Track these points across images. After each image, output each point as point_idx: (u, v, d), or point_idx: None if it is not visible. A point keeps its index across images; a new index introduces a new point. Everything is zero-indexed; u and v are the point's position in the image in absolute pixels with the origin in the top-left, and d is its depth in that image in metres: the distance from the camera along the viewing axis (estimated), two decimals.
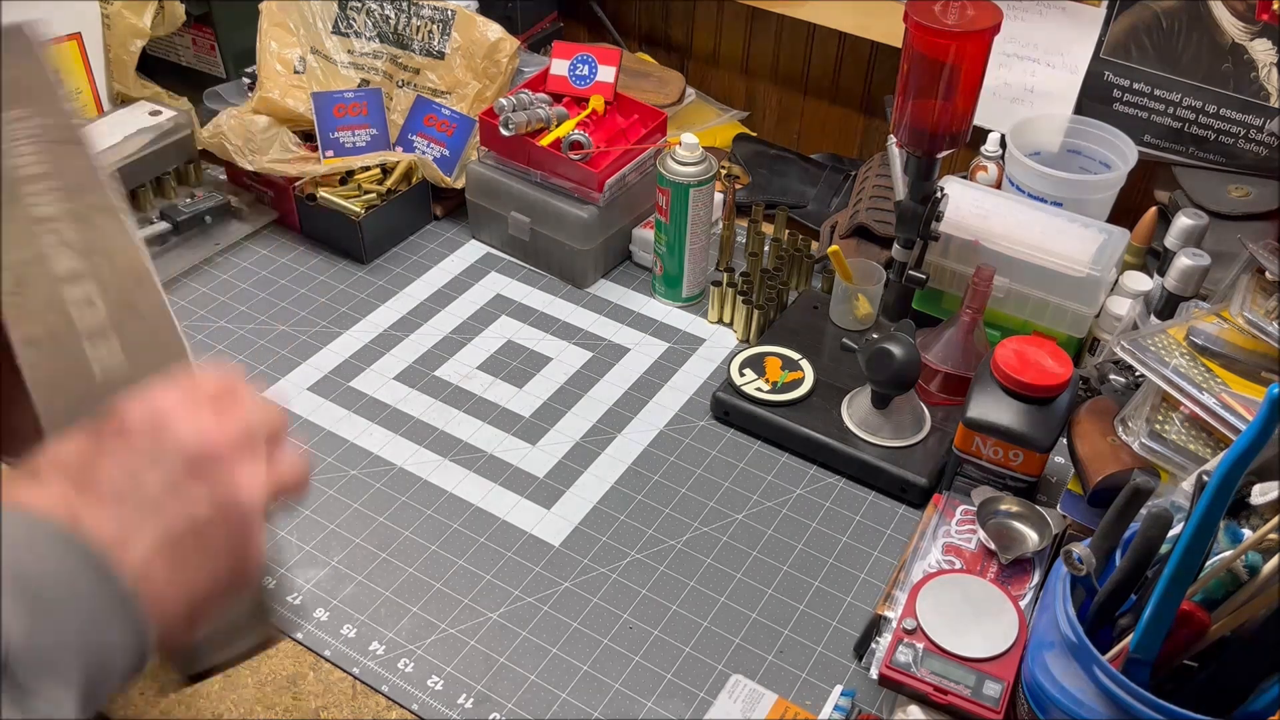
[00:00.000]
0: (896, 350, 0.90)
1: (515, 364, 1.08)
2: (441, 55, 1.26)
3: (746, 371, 1.02)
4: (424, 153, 1.23)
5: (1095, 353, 1.02)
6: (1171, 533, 0.65)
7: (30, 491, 0.44)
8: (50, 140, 0.55)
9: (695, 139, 1.09)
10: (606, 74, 1.19)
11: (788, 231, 1.18)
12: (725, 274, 1.13)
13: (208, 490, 0.46)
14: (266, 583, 0.56)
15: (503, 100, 1.14)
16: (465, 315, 1.14)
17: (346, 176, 1.22)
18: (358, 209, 1.18)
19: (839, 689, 0.78)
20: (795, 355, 1.04)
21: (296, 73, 1.28)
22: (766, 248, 1.18)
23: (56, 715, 0.40)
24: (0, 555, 0.40)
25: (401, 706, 0.79)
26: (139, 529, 0.44)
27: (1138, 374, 0.86)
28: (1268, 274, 0.85)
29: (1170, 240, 0.98)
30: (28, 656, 0.40)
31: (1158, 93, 1.11)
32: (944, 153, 0.93)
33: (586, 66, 1.20)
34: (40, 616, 0.40)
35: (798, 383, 1.01)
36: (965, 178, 1.14)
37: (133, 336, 0.51)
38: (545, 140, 1.14)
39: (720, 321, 1.15)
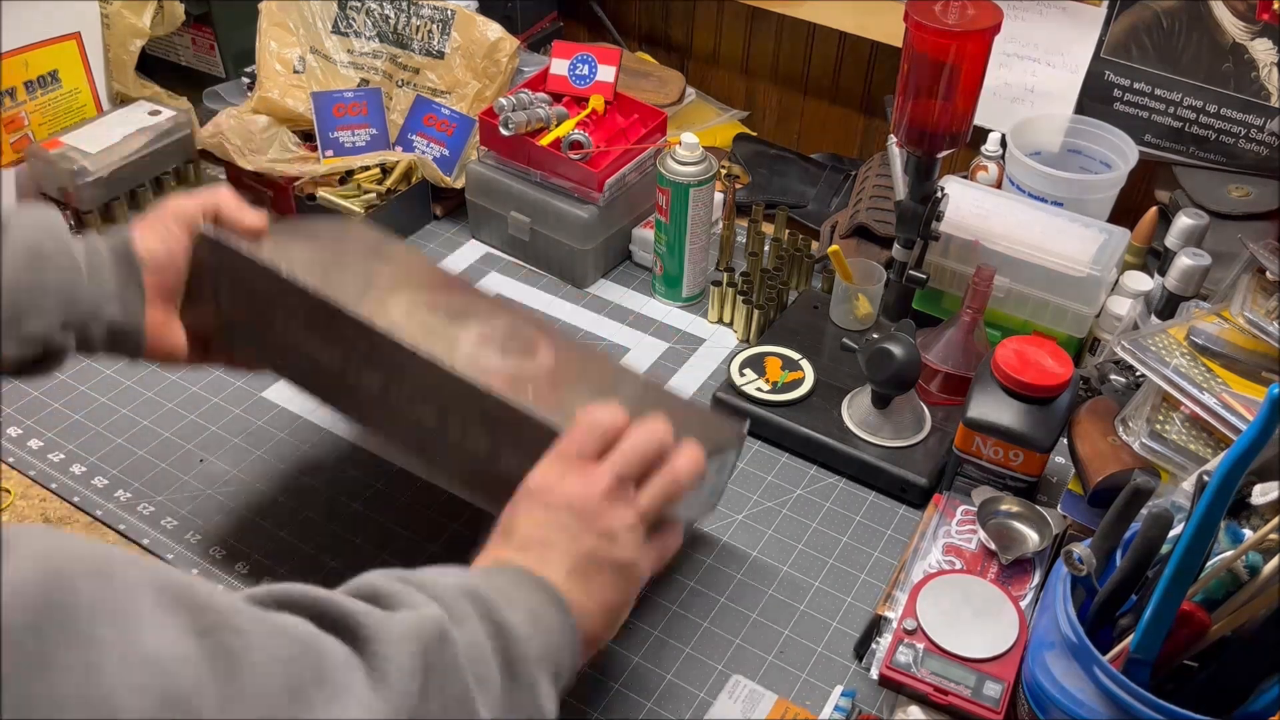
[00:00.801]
0: (896, 350, 0.90)
1: None
2: (441, 55, 1.26)
3: (746, 371, 1.02)
4: (424, 152, 1.23)
5: (1096, 353, 1.02)
6: (1172, 533, 0.65)
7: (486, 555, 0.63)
8: None
9: (695, 139, 1.09)
10: (606, 74, 1.19)
11: (788, 231, 1.18)
12: (725, 274, 1.13)
13: (588, 528, 0.61)
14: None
15: (502, 100, 1.14)
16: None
17: (346, 176, 1.22)
18: (357, 209, 1.18)
19: (839, 689, 0.78)
20: (795, 355, 1.04)
21: (296, 72, 1.28)
22: (766, 248, 1.18)
23: (547, 702, 0.55)
24: (506, 594, 0.57)
25: None
26: (548, 561, 0.60)
27: (1138, 374, 0.86)
28: (1268, 274, 0.85)
29: (1171, 240, 0.97)
30: (531, 654, 0.55)
31: (1158, 92, 1.11)
32: (944, 153, 0.93)
33: (586, 66, 1.20)
34: (538, 635, 0.56)
35: (798, 383, 1.01)
36: (965, 178, 1.14)
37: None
38: (545, 140, 1.14)
39: (720, 321, 1.15)
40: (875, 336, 0.92)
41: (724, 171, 1.32)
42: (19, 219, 0.73)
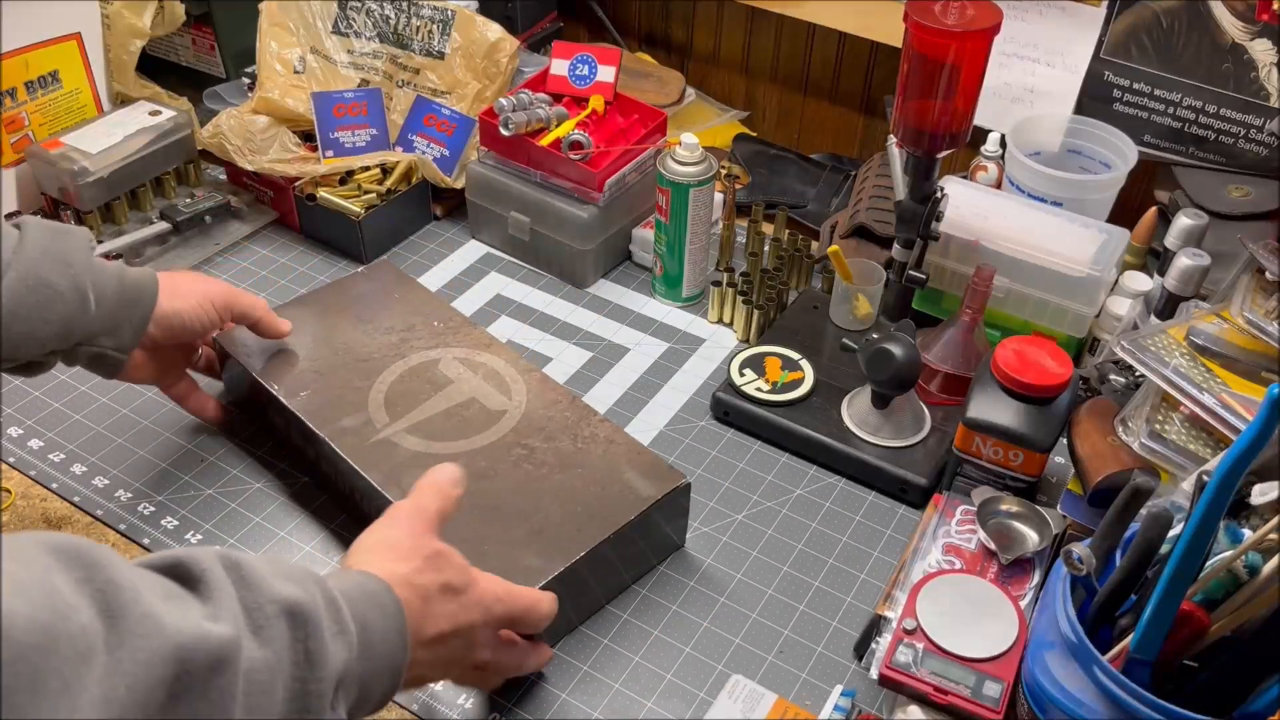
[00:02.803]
0: (896, 350, 0.90)
1: None
2: (441, 55, 1.26)
3: (746, 371, 1.02)
4: (424, 153, 1.23)
5: (1095, 353, 1.02)
6: (1171, 533, 0.65)
7: (386, 557, 0.65)
8: None
9: (695, 139, 1.09)
10: (606, 74, 1.19)
11: (788, 231, 1.18)
12: (725, 274, 1.13)
13: (467, 646, 0.67)
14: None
15: (503, 100, 1.14)
16: (465, 315, 1.14)
17: (346, 176, 1.22)
18: (358, 209, 1.18)
19: (839, 689, 0.78)
20: (795, 355, 1.04)
21: (296, 73, 1.28)
22: (766, 248, 1.18)
23: (344, 663, 0.55)
24: (359, 608, 0.58)
25: (401, 707, 0.79)
26: (419, 662, 0.63)
27: (1138, 374, 0.86)
28: (1268, 274, 0.85)
29: (1170, 240, 0.98)
30: (344, 684, 0.55)
31: (1158, 93, 1.11)
32: (944, 153, 0.93)
33: (586, 66, 1.20)
34: (361, 660, 0.57)
35: (798, 383, 1.01)
36: (965, 178, 1.14)
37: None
38: (545, 140, 1.14)
39: (720, 321, 1.15)
40: (875, 336, 0.92)
41: (724, 171, 1.32)
42: (32, 242, 0.76)
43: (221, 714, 0.48)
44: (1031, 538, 0.84)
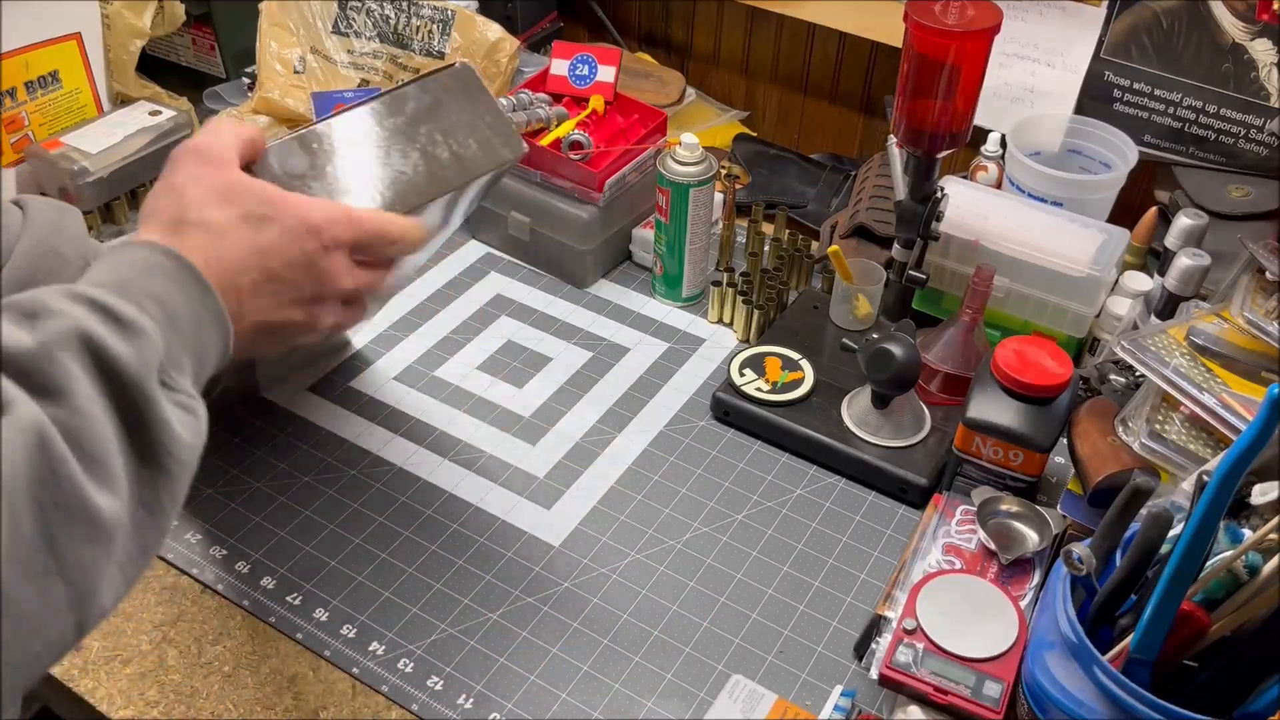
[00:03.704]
0: (896, 350, 0.90)
1: (515, 364, 1.08)
2: (441, 55, 1.26)
3: (746, 371, 1.02)
4: None
5: (1095, 353, 1.02)
6: (1172, 533, 0.65)
7: (155, 222, 0.60)
8: None
9: (695, 139, 1.09)
10: (606, 74, 1.19)
11: (788, 231, 1.18)
12: (725, 274, 1.13)
13: (310, 278, 0.62)
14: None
15: (502, 100, 1.14)
16: (465, 315, 1.14)
17: None
18: None
19: (839, 689, 0.78)
20: (795, 355, 1.04)
21: (296, 73, 1.28)
22: (766, 248, 1.18)
23: (190, 403, 0.54)
24: (136, 285, 0.54)
25: (401, 706, 0.79)
26: (251, 307, 0.60)
27: (1138, 374, 0.86)
28: (1268, 274, 0.85)
29: (1170, 240, 0.98)
30: (168, 359, 0.53)
31: (1158, 93, 1.11)
32: (944, 153, 0.93)
33: (586, 66, 1.20)
34: (168, 325, 0.53)
35: (798, 383, 1.01)
36: (965, 178, 1.14)
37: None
38: (545, 140, 1.14)
39: (720, 321, 1.15)
40: (875, 336, 0.92)
41: (724, 171, 1.32)
42: (38, 215, 0.74)
43: (68, 488, 0.46)
44: (1031, 538, 0.84)
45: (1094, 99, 1.15)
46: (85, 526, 0.46)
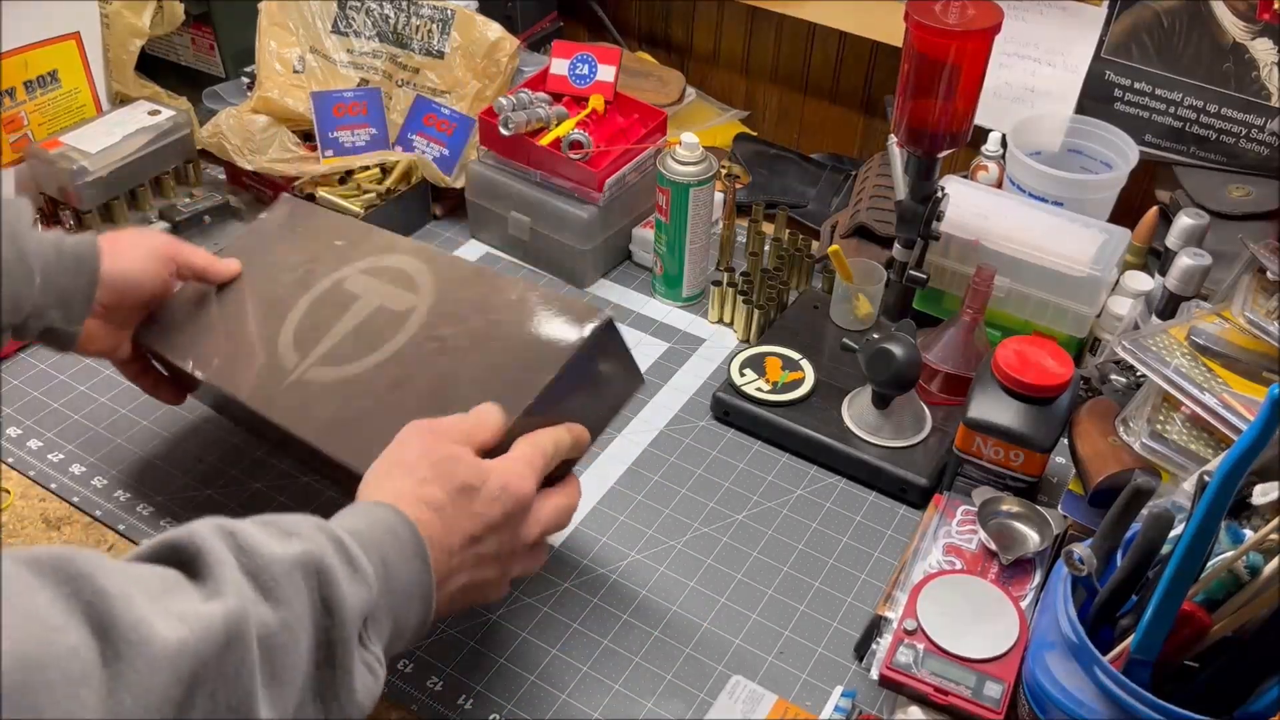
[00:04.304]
0: (897, 350, 0.90)
1: None
2: (441, 55, 1.26)
3: (747, 371, 1.02)
4: (423, 152, 1.23)
5: (1096, 353, 1.02)
6: (1172, 533, 0.65)
7: (400, 482, 0.62)
8: None
9: (695, 139, 1.08)
10: (606, 73, 1.19)
11: (788, 231, 1.18)
12: (725, 274, 1.13)
13: (508, 535, 0.65)
14: None
15: (502, 100, 1.14)
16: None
17: (346, 176, 1.22)
18: (357, 209, 1.18)
19: (839, 690, 0.78)
20: (795, 355, 1.04)
21: (296, 72, 1.28)
22: (766, 248, 1.18)
23: (376, 667, 0.55)
24: (373, 542, 0.57)
25: (401, 706, 0.79)
26: (457, 573, 0.63)
27: (1139, 374, 0.86)
28: (1269, 274, 0.85)
29: (1171, 240, 0.97)
30: (373, 619, 0.54)
31: (1159, 92, 1.11)
32: (944, 152, 0.93)
33: (586, 66, 1.20)
34: (386, 593, 0.56)
35: (798, 383, 1.01)
36: (966, 177, 1.14)
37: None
38: (545, 140, 1.14)
39: (720, 321, 1.15)
40: (875, 336, 0.92)
41: (724, 171, 1.32)
42: None
43: (244, 687, 0.47)
44: (1032, 538, 0.84)
45: (1094, 99, 1.15)
46: None
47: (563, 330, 0.76)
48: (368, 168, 1.22)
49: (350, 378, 0.79)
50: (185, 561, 0.50)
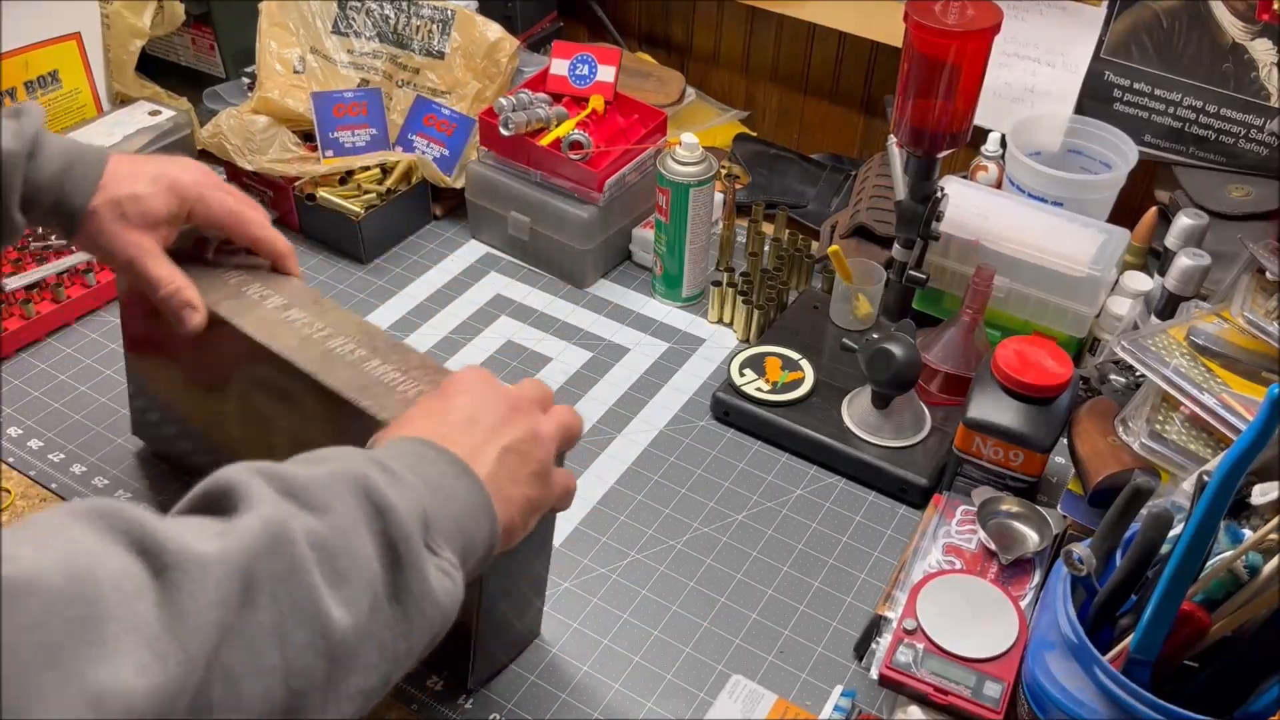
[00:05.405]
0: (897, 350, 0.90)
1: (515, 364, 1.08)
2: (441, 55, 1.26)
3: (746, 371, 1.02)
4: (424, 153, 1.23)
5: (1096, 353, 1.02)
6: (1172, 533, 0.65)
7: (408, 429, 0.61)
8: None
9: (695, 139, 1.09)
10: (606, 74, 1.19)
11: (788, 231, 1.18)
12: (725, 274, 1.13)
13: (524, 422, 0.63)
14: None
15: (502, 100, 1.14)
16: (465, 315, 1.14)
17: (346, 176, 1.22)
18: (357, 209, 1.18)
19: (839, 689, 0.78)
20: (795, 355, 1.04)
21: (296, 72, 1.28)
22: (766, 248, 1.18)
23: (453, 572, 0.54)
24: (408, 464, 0.56)
25: (401, 706, 0.79)
26: (483, 448, 0.60)
27: (1138, 374, 0.86)
28: (1268, 274, 0.85)
29: (1171, 240, 0.97)
30: (434, 526, 0.54)
31: (1158, 92, 1.11)
32: (944, 153, 0.93)
33: (586, 66, 1.20)
34: (438, 502, 0.55)
35: (798, 383, 1.01)
36: (965, 178, 1.14)
37: (392, 357, 0.74)
38: (545, 140, 1.14)
39: (720, 321, 1.15)
40: (875, 336, 0.92)
41: (724, 171, 1.32)
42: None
43: (304, 585, 0.47)
44: (1032, 538, 0.84)
45: (1094, 99, 1.15)
46: (315, 636, 0.46)
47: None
48: (368, 168, 1.22)
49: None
50: (216, 501, 0.49)
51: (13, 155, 0.71)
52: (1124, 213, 1.10)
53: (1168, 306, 0.95)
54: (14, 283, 1.07)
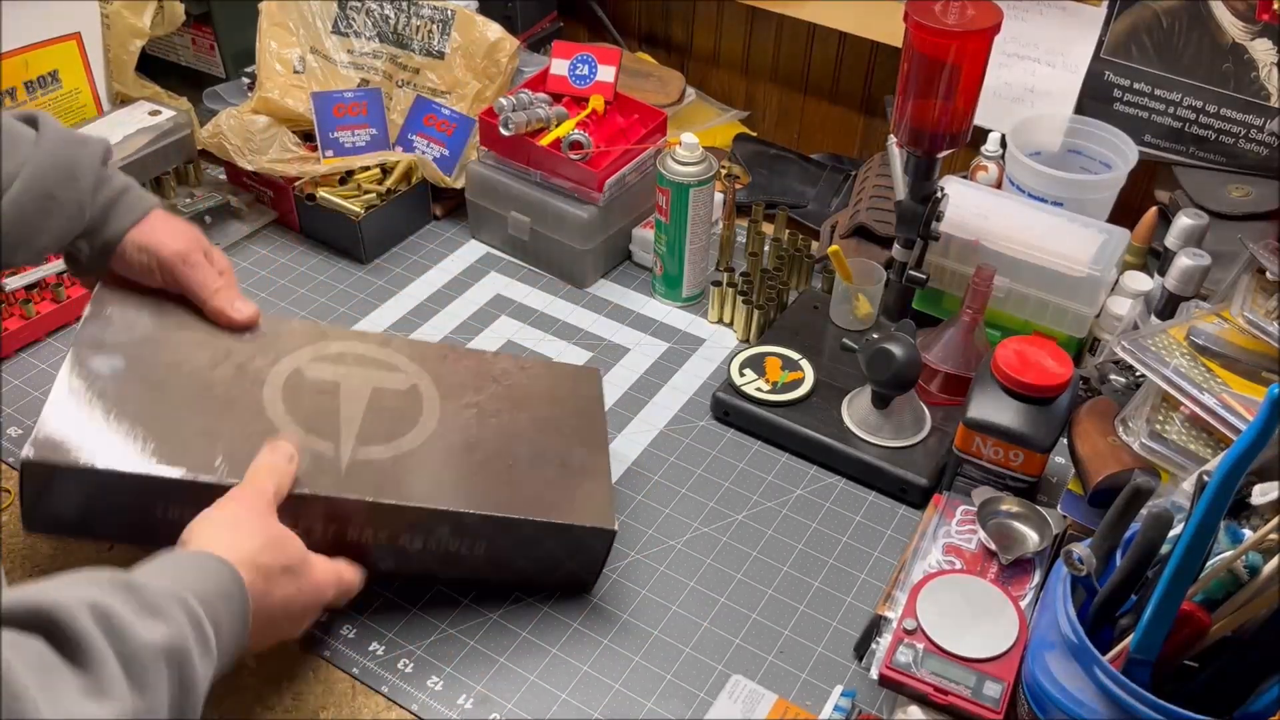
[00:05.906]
0: (897, 350, 0.90)
1: None
2: (441, 55, 1.26)
3: (746, 371, 1.02)
4: (424, 153, 1.23)
5: (1096, 353, 1.02)
6: (1172, 533, 0.65)
7: (224, 543, 0.67)
8: None
9: (695, 139, 1.09)
10: (606, 74, 1.19)
11: (788, 231, 1.18)
12: (725, 274, 1.13)
13: (293, 623, 0.73)
14: None
15: (502, 100, 1.14)
16: (465, 315, 1.14)
17: (346, 176, 1.22)
18: (357, 209, 1.18)
19: (839, 689, 0.78)
20: (795, 355, 1.04)
21: (296, 72, 1.28)
22: (766, 248, 1.18)
23: (209, 672, 0.60)
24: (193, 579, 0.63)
25: (401, 707, 0.79)
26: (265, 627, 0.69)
27: (1138, 374, 0.86)
28: (1268, 274, 0.85)
29: (1171, 240, 0.97)
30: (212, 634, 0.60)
31: (1158, 92, 1.11)
32: (944, 153, 0.93)
33: (586, 66, 1.20)
34: (220, 647, 0.62)
35: (798, 383, 1.01)
36: (965, 178, 1.14)
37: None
38: (545, 140, 1.14)
39: (720, 321, 1.15)
40: (875, 336, 0.92)
41: (724, 171, 1.32)
42: (46, 150, 0.78)
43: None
44: (1032, 538, 0.84)
45: (1094, 99, 1.15)
46: None
47: (577, 381, 0.93)
48: (368, 168, 1.22)
49: (408, 451, 0.82)
50: (60, 641, 0.52)
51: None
52: (1124, 213, 1.10)
53: (1168, 306, 0.95)
54: (14, 283, 1.07)
